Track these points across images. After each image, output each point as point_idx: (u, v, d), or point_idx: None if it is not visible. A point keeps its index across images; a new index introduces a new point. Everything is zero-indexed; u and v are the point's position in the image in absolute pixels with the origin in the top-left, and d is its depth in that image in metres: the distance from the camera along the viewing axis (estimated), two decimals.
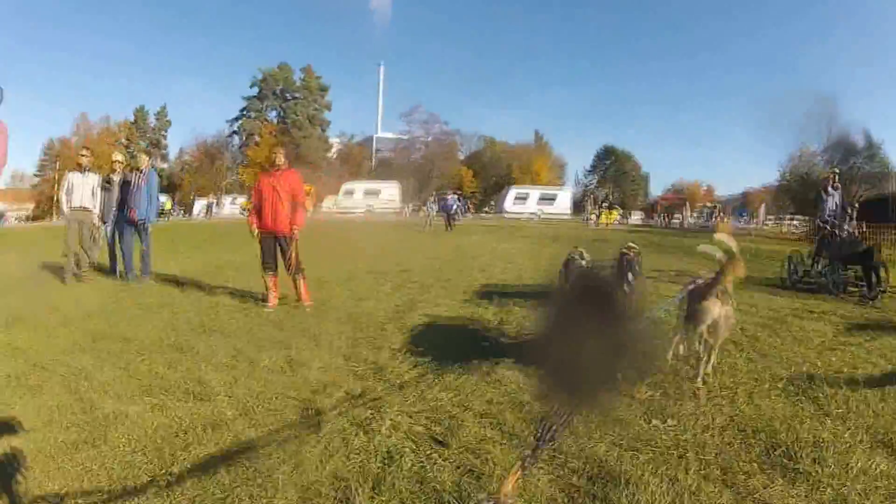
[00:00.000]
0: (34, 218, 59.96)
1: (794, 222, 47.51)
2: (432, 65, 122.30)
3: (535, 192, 54.01)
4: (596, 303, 1.52)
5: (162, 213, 44.25)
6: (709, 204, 61.94)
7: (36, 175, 69.07)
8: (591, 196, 46.97)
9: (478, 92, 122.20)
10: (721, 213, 48.28)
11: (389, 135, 77.19)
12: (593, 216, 39.26)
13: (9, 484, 3.26)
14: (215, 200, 49.16)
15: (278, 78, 70.70)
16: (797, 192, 49.88)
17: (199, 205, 49.08)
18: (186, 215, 48.93)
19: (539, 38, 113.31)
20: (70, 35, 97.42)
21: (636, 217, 58.19)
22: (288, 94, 71.84)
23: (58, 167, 63.42)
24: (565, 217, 48.82)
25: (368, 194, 52.41)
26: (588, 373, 1.47)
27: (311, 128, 70.75)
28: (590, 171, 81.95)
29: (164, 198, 48.17)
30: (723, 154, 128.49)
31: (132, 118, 70.18)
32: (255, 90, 71.77)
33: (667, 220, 53.20)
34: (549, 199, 52.96)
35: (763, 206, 51.11)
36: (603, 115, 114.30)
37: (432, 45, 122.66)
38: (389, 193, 52.95)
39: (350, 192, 52.65)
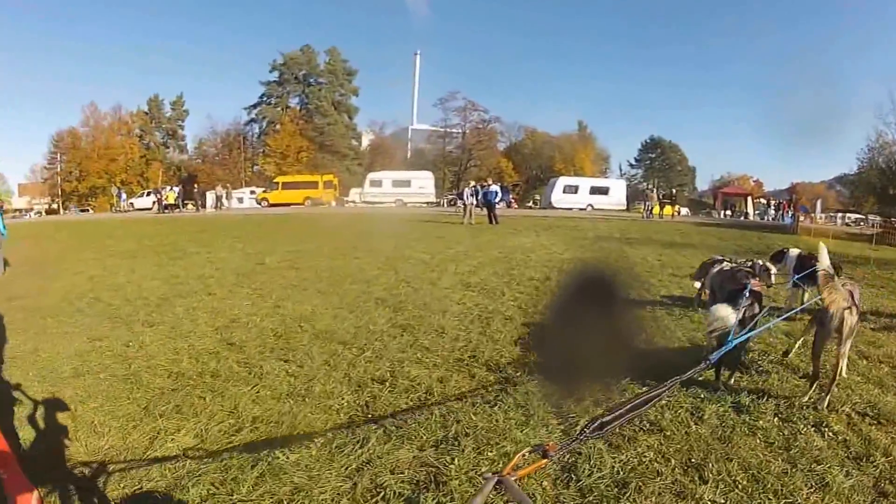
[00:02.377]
0: (48, 212, 55.62)
1: (850, 219, 43.28)
2: (470, 53, 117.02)
3: (585, 183, 48.57)
4: None
5: (166, 208, 40.43)
6: (763, 201, 56.22)
7: (46, 168, 65.33)
8: (654, 187, 41.65)
9: (518, 80, 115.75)
10: (792, 210, 42.75)
11: (425, 126, 72.64)
12: (657, 208, 34.07)
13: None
14: (224, 192, 44.81)
15: (301, 62, 66.49)
16: (875, 186, 45.12)
17: (211, 197, 45.08)
18: (199, 209, 44.47)
19: (582, 23, 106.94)
20: (77, 19, 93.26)
21: (683, 211, 52.26)
22: (311, 80, 67.21)
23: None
24: (620, 211, 43.42)
25: (398, 185, 47.59)
26: None
27: (337, 114, 66.01)
28: (635, 162, 76.84)
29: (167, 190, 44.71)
30: (768, 146, 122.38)
31: (146, 107, 66.14)
32: (275, 75, 67.28)
33: (731, 213, 48.31)
34: (602, 191, 47.45)
35: (819, 201, 46.17)
36: (645, 105, 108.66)
37: (470, 31, 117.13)
38: (421, 184, 48.10)
39: (377, 183, 47.87)
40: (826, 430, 3.62)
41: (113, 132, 61.19)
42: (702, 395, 4.03)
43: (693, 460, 3.17)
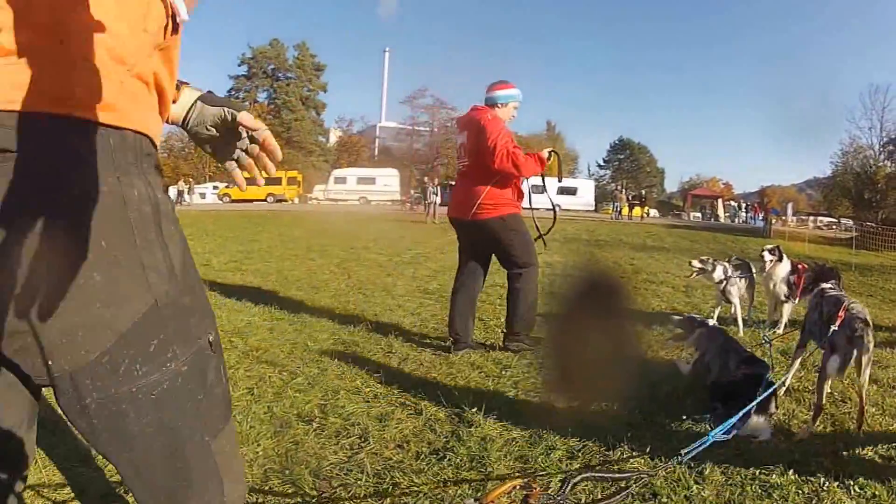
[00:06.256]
0: None
1: (822, 222, 43.71)
2: (439, 49, 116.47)
3: (552, 182, 47.94)
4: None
5: None
6: (733, 203, 56.57)
7: None
8: (623, 188, 41.30)
9: (487, 77, 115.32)
10: (765, 213, 42.87)
11: (393, 123, 71.80)
12: (626, 209, 33.81)
13: None
14: (186, 188, 43.69)
15: (270, 56, 65.54)
16: (850, 190, 45.58)
17: (173, 192, 43.96)
18: None
19: (552, 22, 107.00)
20: None
21: (652, 213, 52.43)
22: (280, 74, 66.25)
23: None
24: (588, 211, 42.97)
25: (362, 182, 46.78)
26: None
27: (304, 110, 65.03)
28: (604, 163, 76.91)
29: None
30: (739, 149, 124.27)
31: None
32: (244, 69, 66.36)
33: (701, 216, 48.56)
34: (570, 191, 46.80)
35: (790, 204, 46.67)
36: (615, 106, 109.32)
37: (440, 27, 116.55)
38: (386, 182, 47.31)
39: (341, 180, 46.97)
40: (851, 482, 2.90)
41: None
42: (663, 474, 3.27)
43: None
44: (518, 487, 1.30)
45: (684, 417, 3.55)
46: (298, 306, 6.75)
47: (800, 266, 6.31)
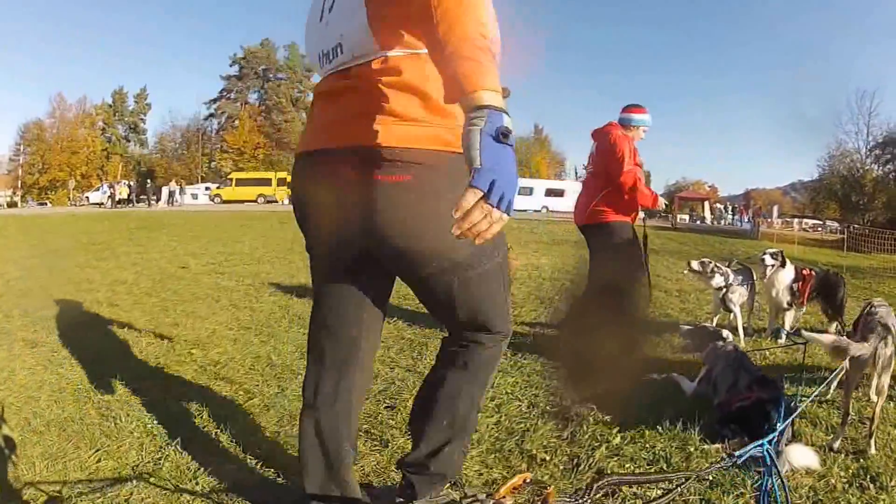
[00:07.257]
0: (8, 205, 52.16)
1: (808, 224, 43.90)
2: None
3: (540, 185, 47.90)
4: None
5: (119, 203, 39.42)
6: (720, 205, 56.81)
7: (11, 159, 63.33)
8: None
9: None
10: (753, 215, 42.80)
11: None
12: None
13: None
14: (178, 188, 43.53)
15: (261, 56, 65.35)
16: (837, 193, 45.89)
17: (165, 192, 43.84)
18: (151, 204, 42.38)
19: (539, 21, 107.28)
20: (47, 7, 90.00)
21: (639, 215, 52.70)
22: (270, 75, 66.18)
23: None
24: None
25: None
26: None
27: (295, 111, 64.92)
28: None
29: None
30: (724, 153, 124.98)
31: (110, 100, 65.64)
32: (235, 69, 66.53)
33: (688, 218, 48.68)
34: (557, 193, 46.58)
35: (776, 207, 47.24)
36: (602, 108, 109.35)
37: None
38: None
39: None
40: None
41: (77, 124, 60.40)
42: (709, 478, 2.82)
43: None
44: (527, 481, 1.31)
45: (692, 449, 3.11)
46: (268, 314, 6.34)
47: (804, 272, 5.94)
